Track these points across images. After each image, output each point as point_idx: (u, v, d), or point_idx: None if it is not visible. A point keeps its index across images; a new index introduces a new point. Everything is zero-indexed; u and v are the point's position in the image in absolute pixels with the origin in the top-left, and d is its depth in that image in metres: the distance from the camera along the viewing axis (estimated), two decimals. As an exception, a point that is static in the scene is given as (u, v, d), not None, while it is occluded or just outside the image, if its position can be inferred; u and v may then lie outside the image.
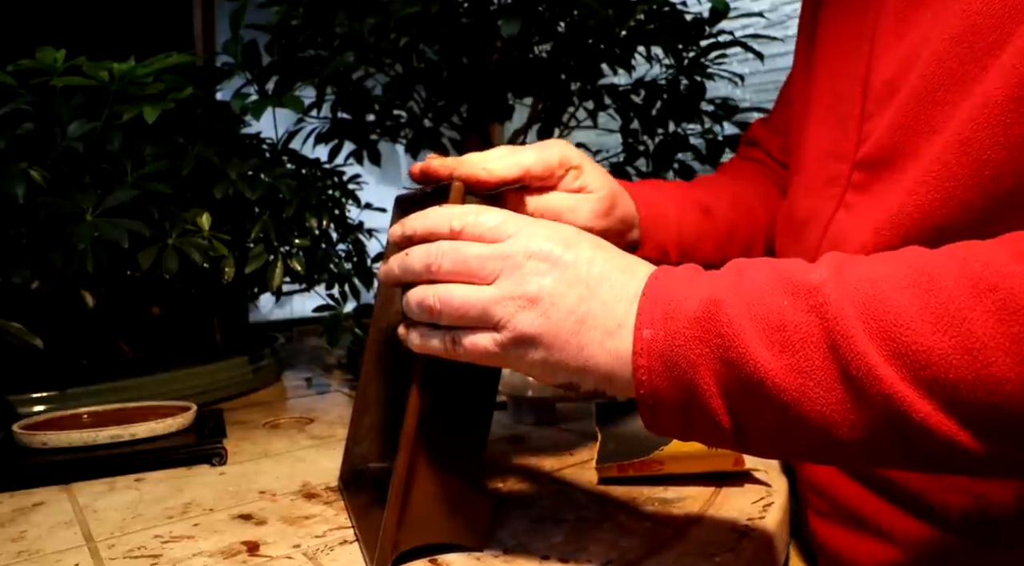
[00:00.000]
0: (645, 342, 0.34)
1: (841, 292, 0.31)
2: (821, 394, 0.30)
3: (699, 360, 0.32)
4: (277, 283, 0.74)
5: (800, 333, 0.31)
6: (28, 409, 0.64)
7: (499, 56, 0.91)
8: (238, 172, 0.72)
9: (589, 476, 0.54)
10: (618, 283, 0.36)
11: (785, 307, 0.31)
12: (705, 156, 1.00)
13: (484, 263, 0.36)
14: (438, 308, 0.37)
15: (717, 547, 0.42)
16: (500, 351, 0.36)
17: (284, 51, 0.87)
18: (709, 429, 0.34)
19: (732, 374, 0.32)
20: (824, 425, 0.31)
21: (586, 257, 0.36)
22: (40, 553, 0.42)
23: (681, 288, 0.34)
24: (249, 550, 0.42)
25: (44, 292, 0.66)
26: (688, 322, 0.33)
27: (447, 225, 0.38)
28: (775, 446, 0.33)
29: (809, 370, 0.30)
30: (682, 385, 0.33)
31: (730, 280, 0.34)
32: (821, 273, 0.32)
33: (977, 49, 0.38)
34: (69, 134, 0.64)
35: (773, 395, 0.31)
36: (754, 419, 0.32)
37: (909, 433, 0.29)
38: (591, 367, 0.35)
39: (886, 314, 0.29)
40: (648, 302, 0.34)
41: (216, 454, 0.58)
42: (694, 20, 0.91)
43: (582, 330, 0.35)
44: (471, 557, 0.41)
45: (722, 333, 0.32)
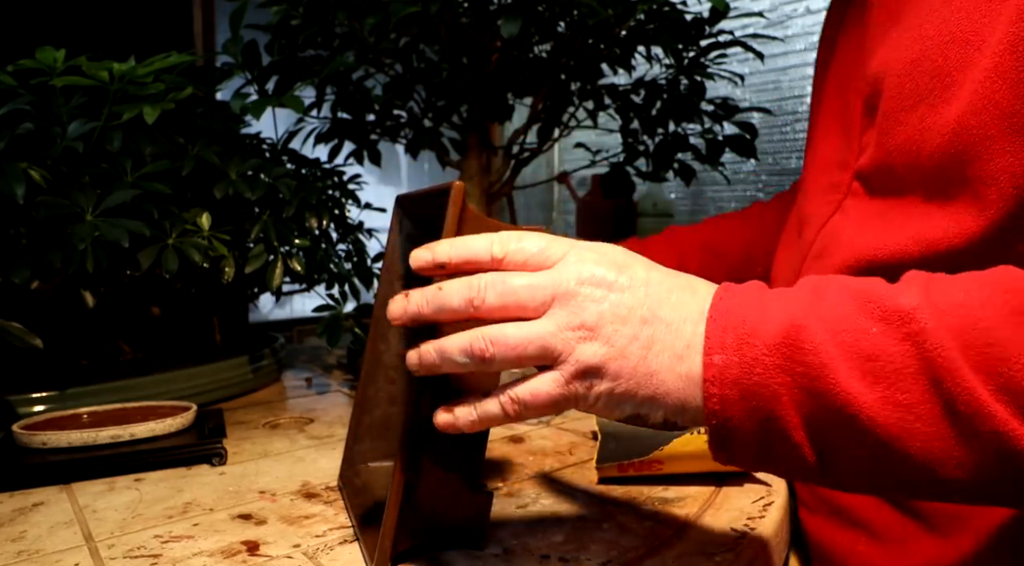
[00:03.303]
0: (717, 369, 0.31)
1: (938, 320, 0.29)
2: (923, 429, 0.28)
3: (781, 390, 0.30)
4: (277, 283, 0.74)
5: (895, 363, 0.29)
6: (28, 409, 0.64)
7: (499, 56, 0.91)
8: (238, 172, 0.72)
9: (589, 476, 0.54)
10: (680, 302, 0.33)
11: (875, 334, 0.29)
12: (705, 156, 1.00)
13: (534, 294, 0.33)
14: (491, 353, 0.33)
15: (717, 547, 0.42)
16: (564, 391, 0.33)
17: (284, 51, 0.87)
18: (790, 462, 0.31)
19: (819, 406, 0.29)
20: (927, 462, 0.29)
21: (641, 278, 0.34)
22: (40, 553, 0.42)
23: (754, 311, 0.32)
24: (249, 550, 0.42)
25: (44, 292, 0.66)
26: (767, 349, 0.30)
27: (487, 252, 0.35)
28: (866, 481, 0.31)
29: (908, 404, 0.28)
30: (761, 416, 0.31)
31: (808, 302, 0.31)
32: (911, 298, 0.30)
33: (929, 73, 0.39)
34: (69, 134, 0.64)
35: (868, 429, 0.29)
36: (844, 453, 0.30)
37: (1020, 467, 0.28)
38: (661, 394, 0.33)
39: (989, 346, 0.28)
40: (717, 325, 0.32)
41: (216, 454, 0.58)
42: (694, 20, 0.91)
43: (649, 355, 0.32)
44: (471, 557, 0.41)
45: (806, 361, 0.30)
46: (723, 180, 1.41)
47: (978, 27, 0.37)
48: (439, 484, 0.41)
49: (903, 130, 0.42)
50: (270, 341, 0.91)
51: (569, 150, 1.72)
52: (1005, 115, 0.36)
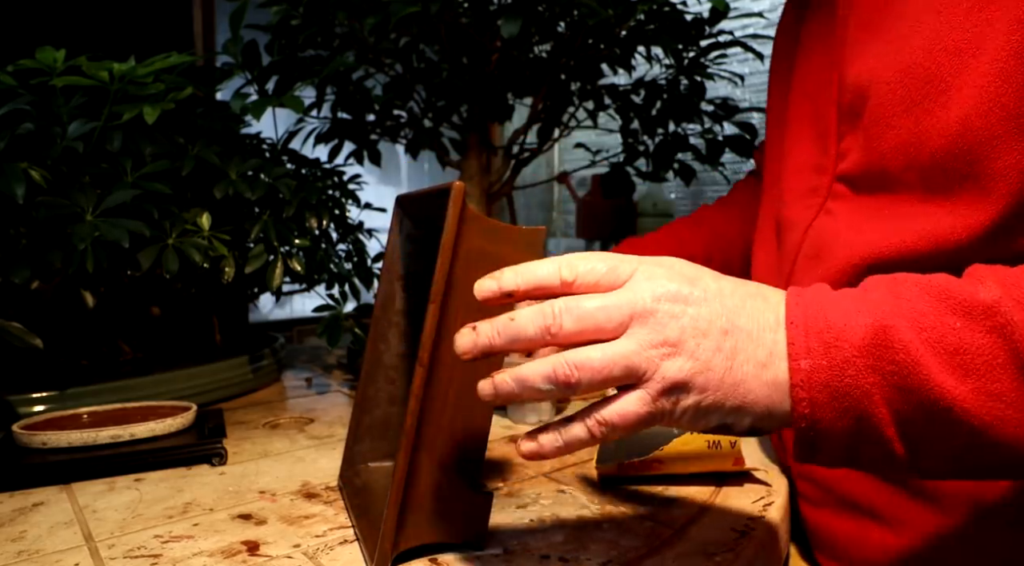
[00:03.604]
0: (804, 373, 0.32)
1: (1019, 311, 0.31)
2: (1014, 416, 0.30)
3: (872, 389, 0.31)
4: (277, 283, 0.74)
5: (984, 356, 0.30)
6: (28, 409, 0.64)
7: (499, 56, 0.91)
8: (238, 172, 0.72)
9: (589, 476, 0.54)
10: (755, 310, 0.34)
11: (959, 329, 0.31)
12: (705, 156, 1.00)
13: (610, 314, 0.33)
14: (576, 377, 0.33)
15: (717, 547, 0.42)
16: (652, 409, 0.33)
17: (284, 51, 0.87)
18: (878, 457, 0.33)
19: (912, 402, 0.31)
20: (1017, 445, 0.31)
21: (714, 290, 0.34)
22: (40, 553, 0.42)
23: (835, 314, 0.33)
24: (249, 550, 0.42)
25: (44, 292, 0.66)
26: (856, 351, 0.32)
27: (556, 277, 0.34)
28: (954, 469, 0.33)
29: (1000, 393, 0.30)
30: (852, 416, 0.32)
31: (889, 303, 0.33)
32: (991, 291, 0.32)
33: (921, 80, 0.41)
34: (69, 134, 0.64)
35: (962, 420, 0.31)
36: (936, 445, 0.32)
37: None
38: (749, 403, 0.33)
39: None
40: (800, 331, 0.33)
41: (216, 454, 0.58)
42: (694, 20, 0.91)
43: (735, 365, 0.33)
44: (471, 557, 0.41)
45: (896, 360, 0.31)
46: (723, 180, 1.41)
47: (970, 37, 0.39)
48: (439, 484, 0.41)
49: (895, 133, 0.43)
50: (270, 341, 0.91)
51: (569, 150, 1.72)
52: (1012, 116, 0.37)
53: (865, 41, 0.47)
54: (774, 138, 0.60)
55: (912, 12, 0.43)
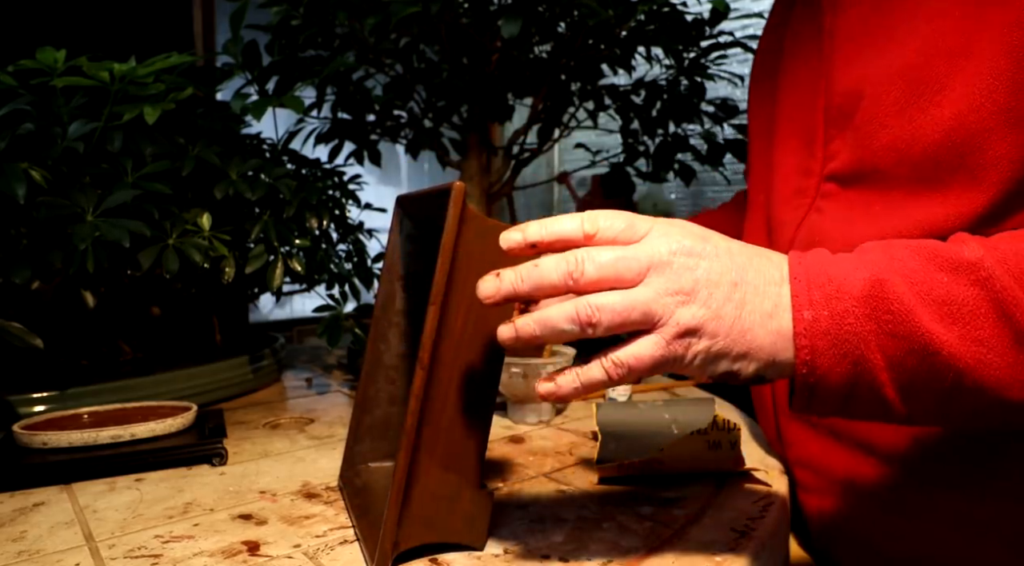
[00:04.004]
0: (807, 322, 0.35)
1: (1001, 267, 0.34)
2: (995, 359, 0.34)
3: (870, 336, 0.34)
4: (277, 283, 0.74)
5: (969, 305, 0.34)
6: (28, 409, 0.64)
7: (499, 56, 0.91)
8: (238, 172, 0.72)
9: (589, 476, 0.54)
10: (761, 267, 0.37)
11: (947, 283, 0.35)
12: (705, 157, 1.00)
13: (630, 265, 0.35)
14: (597, 317, 0.35)
15: (717, 547, 0.42)
16: (665, 352, 0.35)
17: (284, 51, 0.87)
18: (872, 403, 0.36)
19: (903, 348, 0.34)
20: (997, 387, 0.34)
21: (724, 247, 0.37)
22: (40, 553, 0.42)
23: (836, 270, 0.36)
24: (249, 550, 0.42)
25: (44, 292, 0.66)
26: (855, 302, 0.35)
27: (579, 230, 0.37)
28: (939, 414, 0.36)
29: (983, 339, 0.34)
30: (850, 361, 0.35)
31: (883, 260, 0.36)
32: (974, 250, 0.35)
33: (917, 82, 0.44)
34: (69, 134, 0.64)
35: (949, 364, 0.34)
36: (925, 388, 0.35)
37: None
38: (755, 349, 0.36)
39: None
40: (803, 285, 0.36)
41: (216, 454, 0.58)
42: (694, 21, 0.91)
43: (743, 314, 0.36)
44: (471, 557, 0.41)
45: (891, 310, 0.34)
46: (723, 180, 1.41)
47: (963, 41, 0.42)
48: (440, 484, 0.41)
49: (889, 132, 0.45)
50: (270, 341, 0.91)
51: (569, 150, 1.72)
52: (1002, 110, 0.40)
53: (856, 49, 0.50)
54: (760, 148, 0.63)
55: (904, 21, 0.46)
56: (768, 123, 0.61)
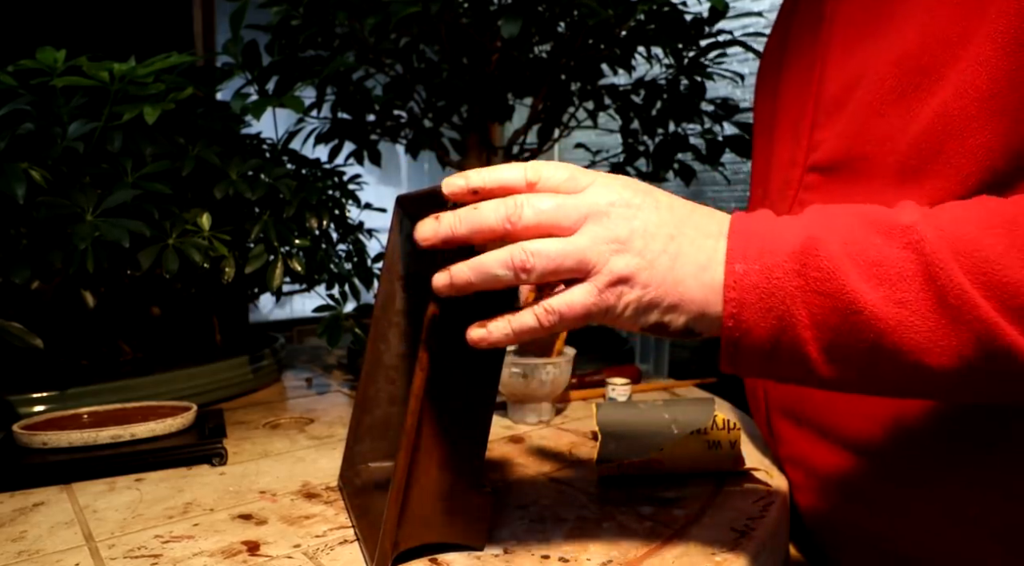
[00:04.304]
0: (738, 276, 0.35)
1: (934, 232, 0.34)
2: (916, 322, 0.33)
3: (796, 292, 0.34)
4: (277, 283, 0.74)
5: (897, 267, 0.34)
6: (28, 409, 0.64)
7: (499, 56, 0.91)
8: (238, 172, 0.72)
9: (589, 476, 0.54)
10: (700, 222, 0.37)
11: (880, 245, 0.34)
12: (705, 156, 1.00)
13: (568, 212, 0.36)
14: (531, 263, 0.35)
15: (717, 547, 0.42)
16: (597, 301, 0.36)
17: (284, 51, 0.87)
18: (794, 362, 0.36)
19: (829, 306, 0.34)
20: (917, 351, 0.33)
21: (665, 202, 0.38)
22: (40, 553, 0.42)
23: (772, 228, 0.36)
24: (249, 550, 0.42)
25: (44, 292, 0.66)
26: (787, 257, 0.35)
27: (521, 178, 0.37)
28: (859, 376, 0.36)
29: (906, 301, 0.33)
30: (775, 315, 0.35)
31: (820, 221, 0.36)
32: (911, 215, 0.35)
33: (914, 71, 0.43)
34: (69, 134, 0.64)
35: (870, 323, 0.34)
36: (846, 348, 0.34)
37: (998, 357, 0.33)
38: (686, 301, 0.36)
39: (976, 251, 0.33)
40: (740, 239, 0.36)
41: (216, 454, 0.58)
42: (694, 20, 0.91)
43: (676, 266, 0.36)
44: (471, 557, 0.41)
45: (821, 267, 0.34)
46: (723, 180, 1.41)
47: (961, 28, 0.41)
48: (439, 484, 0.41)
49: (885, 121, 0.45)
50: (270, 341, 0.91)
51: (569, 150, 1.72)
52: (984, 97, 0.40)
53: (855, 36, 0.49)
54: (762, 143, 0.63)
55: (904, 9, 0.45)
56: (770, 117, 0.61)
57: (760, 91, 0.65)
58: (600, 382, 0.80)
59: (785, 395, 0.54)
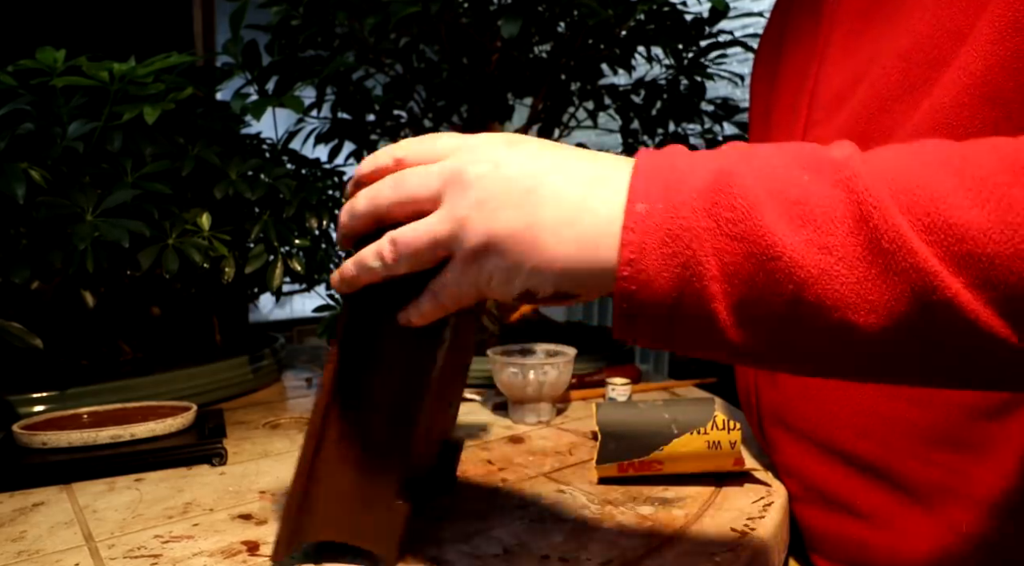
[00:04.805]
0: (639, 216, 0.30)
1: (869, 168, 0.29)
2: (843, 271, 0.28)
3: (705, 235, 0.29)
4: (277, 283, 0.74)
5: (823, 207, 0.28)
6: (28, 409, 0.64)
7: (499, 56, 0.91)
8: (238, 172, 0.72)
9: (589, 476, 0.54)
10: (571, 170, 0.33)
11: (806, 182, 0.29)
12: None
13: (424, 182, 0.35)
14: (394, 252, 0.35)
15: (717, 547, 0.42)
16: (461, 277, 0.34)
17: (284, 51, 0.87)
18: (700, 321, 0.30)
19: (742, 251, 0.29)
20: (842, 307, 0.28)
21: (531, 152, 0.34)
22: (40, 553, 0.42)
23: (684, 161, 0.32)
24: (249, 550, 0.42)
25: (44, 292, 0.66)
26: (695, 193, 0.30)
27: (389, 157, 0.37)
28: (775, 340, 0.30)
29: (832, 246, 0.28)
30: (679, 263, 0.30)
31: (740, 155, 0.31)
32: (844, 150, 0.30)
33: (923, 64, 0.42)
34: (69, 134, 0.64)
35: (789, 272, 0.28)
36: (761, 305, 0.29)
37: (936, 315, 0.27)
38: (547, 262, 0.32)
39: (919, 188, 0.28)
40: (643, 176, 0.31)
41: (216, 454, 0.58)
42: (694, 20, 0.91)
43: (534, 224, 0.32)
44: (471, 557, 0.41)
45: (734, 206, 0.29)
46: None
47: (971, 19, 0.40)
48: (349, 485, 0.40)
49: (888, 117, 0.44)
50: (270, 341, 0.91)
51: (569, 150, 1.72)
52: (976, 84, 0.38)
53: (858, 31, 0.48)
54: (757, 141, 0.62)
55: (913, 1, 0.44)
56: (765, 116, 0.60)
57: (755, 89, 0.64)
58: (600, 382, 0.80)
59: (777, 402, 0.54)
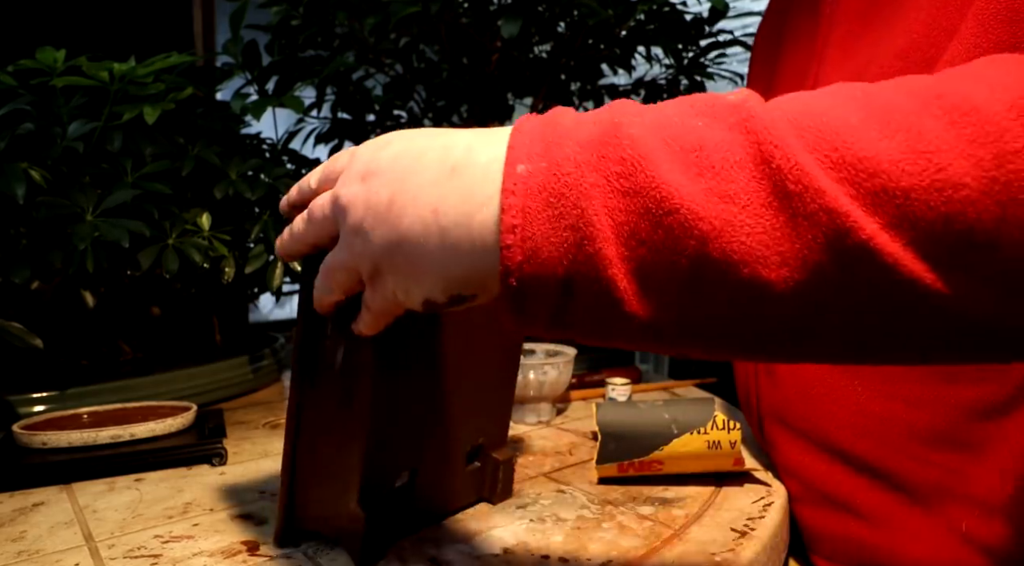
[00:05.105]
0: (518, 178, 0.27)
1: (768, 108, 0.26)
2: (748, 221, 0.25)
3: (593, 191, 0.26)
4: (277, 283, 0.74)
5: (722, 152, 0.26)
6: (28, 409, 0.64)
7: (499, 56, 0.91)
8: (238, 172, 0.72)
9: (589, 476, 0.54)
10: (428, 160, 0.30)
11: (701, 127, 0.26)
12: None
13: (321, 211, 0.34)
14: (318, 295, 0.37)
15: (717, 547, 0.42)
16: (376, 294, 0.33)
17: (284, 51, 0.87)
18: (598, 295, 0.27)
19: (635, 208, 0.26)
20: (750, 261, 0.25)
21: (397, 150, 0.32)
22: (40, 553, 0.42)
23: (569, 117, 0.29)
24: (249, 550, 0.42)
25: (44, 292, 0.66)
26: (581, 147, 0.27)
27: (307, 183, 0.37)
28: (683, 311, 0.27)
29: (733, 193, 0.25)
30: (568, 225, 0.26)
31: (631, 107, 0.29)
32: (739, 94, 0.28)
33: (920, 63, 0.42)
34: (69, 134, 0.64)
35: (690, 226, 0.25)
36: (660, 268, 0.26)
37: (853, 263, 0.24)
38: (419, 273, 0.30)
39: (825, 124, 0.25)
40: (523, 137, 0.28)
41: (216, 454, 0.58)
42: (694, 20, 0.91)
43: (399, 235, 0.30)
44: (471, 557, 0.41)
45: (623, 157, 0.26)
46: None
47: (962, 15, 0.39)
48: (325, 484, 0.41)
49: None
50: (270, 341, 0.91)
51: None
52: None
53: (857, 32, 0.48)
54: None
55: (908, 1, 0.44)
56: None
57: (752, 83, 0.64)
58: (600, 382, 0.80)
59: (776, 402, 0.54)
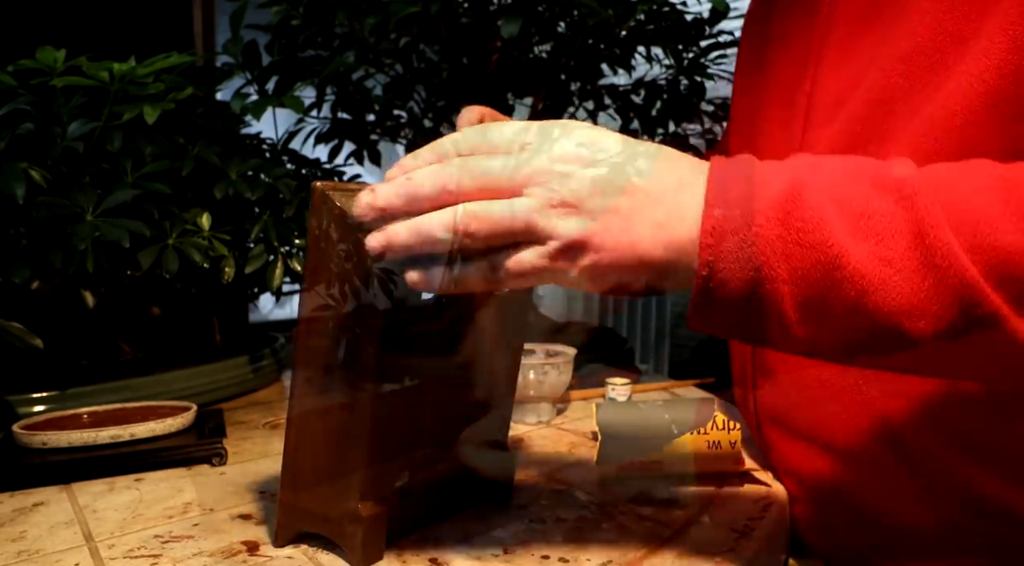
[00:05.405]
0: (716, 220, 0.33)
1: (929, 188, 0.32)
2: (901, 283, 0.31)
3: (777, 243, 0.32)
4: (277, 283, 0.74)
5: (886, 222, 0.31)
6: (28, 409, 0.64)
7: (499, 56, 0.91)
8: (238, 172, 0.72)
9: (589, 476, 0.54)
10: (660, 173, 0.34)
11: (869, 196, 0.32)
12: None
13: (509, 174, 0.34)
14: (474, 227, 0.33)
15: (717, 547, 0.42)
16: (548, 264, 0.34)
17: (284, 51, 0.87)
18: (770, 318, 0.33)
19: (810, 259, 0.32)
20: (898, 313, 0.31)
21: (616, 151, 0.35)
22: (40, 553, 0.42)
23: (759, 172, 0.34)
24: (249, 550, 0.42)
25: (44, 292, 0.66)
26: (770, 203, 0.32)
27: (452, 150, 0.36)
28: (835, 338, 0.33)
29: (891, 258, 0.31)
30: (753, 267, 0.32)
31: (808, 168, 0.34)
32: (905, 169, 0.33)
33: (924, 67, 0.42)
34: (69, 134, 0.64)
35: (852, 281, 0.31)
36: (825, 308, 0.32)
37: (979, 326, 0.31)
38: (646, 262, 0.34)
39: (969, 212, 0.31)
40: (720, 184, 0.34)
41: (216, 454, 0.58)
42: (694, 20, 0.91)
43: (631, 226, 0.33)
44: (471, 557, 0.41)
45: (804, 217, 0.32)
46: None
47: (972, 22, 0.40)
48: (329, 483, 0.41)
49: (889, 120, 0.44)
50: (270, 341, 0.91)
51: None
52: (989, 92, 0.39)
53: (857, 34, 0.48)
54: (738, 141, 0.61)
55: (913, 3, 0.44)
56: (750, 115, 0.59)
57: (737, 101, 0.63)
58: (600, 382, 0.80)
59: (774, 403, 0.54)
